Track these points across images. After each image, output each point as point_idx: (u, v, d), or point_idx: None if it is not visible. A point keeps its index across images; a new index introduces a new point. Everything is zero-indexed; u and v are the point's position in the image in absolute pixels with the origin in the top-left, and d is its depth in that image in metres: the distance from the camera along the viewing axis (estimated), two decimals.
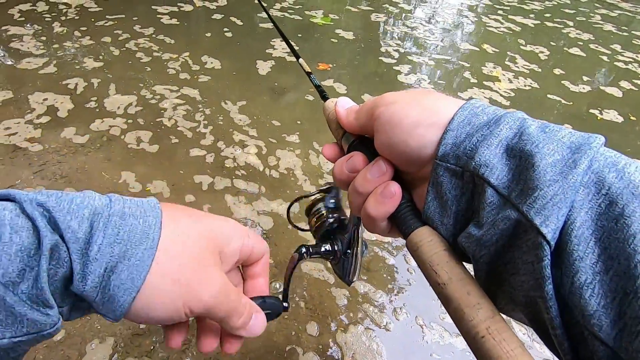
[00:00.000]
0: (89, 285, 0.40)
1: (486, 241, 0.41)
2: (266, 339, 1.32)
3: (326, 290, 1.47)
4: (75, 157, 1.89)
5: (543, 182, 0.37)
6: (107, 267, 0.41)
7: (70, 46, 2.78)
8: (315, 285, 1.48)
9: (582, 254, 0.35)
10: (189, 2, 3.70)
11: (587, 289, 0.34)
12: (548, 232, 0.35)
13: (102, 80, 2.48)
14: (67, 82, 2.41)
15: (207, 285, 0.47)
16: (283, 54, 3.02)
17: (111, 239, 0.42)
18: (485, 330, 0.37)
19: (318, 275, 1.51)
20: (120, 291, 0.42)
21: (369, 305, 1.44)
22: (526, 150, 0.40)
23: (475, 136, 0.43)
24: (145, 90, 2.43)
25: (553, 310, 0.36)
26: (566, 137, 0.40)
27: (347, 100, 0.59)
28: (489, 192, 0.41)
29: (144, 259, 0.43)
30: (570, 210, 0.36)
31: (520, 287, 0.39)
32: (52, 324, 0.40)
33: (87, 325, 1.29)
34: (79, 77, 2.46)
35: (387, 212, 0.50)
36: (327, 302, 1.44)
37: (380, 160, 0.51)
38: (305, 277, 1.50)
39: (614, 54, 3.84)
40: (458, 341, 1.38)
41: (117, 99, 2.33)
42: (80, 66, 2.58)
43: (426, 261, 0.44)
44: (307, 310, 1.40)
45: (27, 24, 2.99)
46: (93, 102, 2.27)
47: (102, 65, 2.61)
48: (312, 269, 1.53)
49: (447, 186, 0.45)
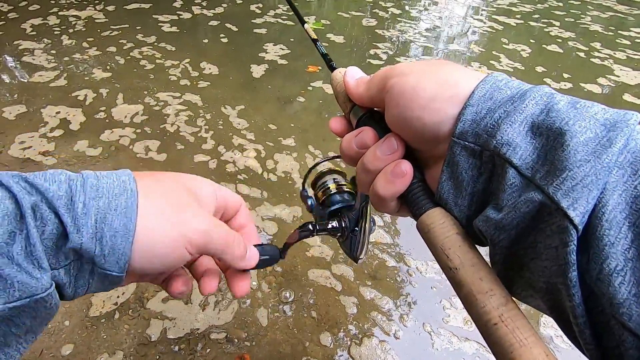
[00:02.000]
0: (85, 237, 0.37)
1: (506, 225, 0.35)
2: (273, 349, 1.26)
3: (334, 298, 1.40)
4: (85, 168, 1.81)
5: (573, 162, 0.32)
6: (96, 218, 0.38)
7: (79, 58, 2.70)
8: (322, 293, 1.41)
9: (614, 239, 0.30)
10: (188, 10, 3.60)
11: (618, 276, 0.29)
12: (576, 216, 0.30)
13: (110, 90, 2.39)
14: (77, 93, 2.33)
15: (197, 217, 0.44)
16: (275, 57, 2.94)
17: (92, 194, 0.39)
18: (498, 317, 0.33)
19: (325, 283, 1.45)
20: (118, 239, 0.39)
21: (377, 313, 1.37)
22: (555, 128, 0.34)
23: (497, 112, 0.37)
24: (149, 98, 2.35)
25: (576, 298, 0.31)
26: (599, 113, 0.34)
27: (357, 70, 0.52)
28: (511, 172, 0.35)
29: (129, 206, 0.40)
30: (602, 192, 0.31)
31: (541, 273, 0.34)
32: (43, 287, 0.36)
33: (94, 335, 1.23)
34: (87, 89, 2.37)
35: (397, 192, 0.44)
36: (334, 311, 1.37)
37: (392, 136, 0.44)
38: (313, 285, 1.44)
39: (591, 51, 3.69)
40: (467, 346, 1.31)
41: (124, 108, 2.25)
42: (90, 77, 2.50)
43: (438, 244, 0.39)
44: (314, 320, 1.34)
45: (38, 37, 2.89)
46: (102, 113, 2.19)
47: (109, 76, 2.53)
48: (318, 277, 1.46)
49: (463, 166, 0.39)
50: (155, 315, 1.30)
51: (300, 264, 1.49)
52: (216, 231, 0.45)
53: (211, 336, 1.26)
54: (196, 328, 1.28)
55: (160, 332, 1.26)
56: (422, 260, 1.55)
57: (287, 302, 1.38)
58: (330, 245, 1.57)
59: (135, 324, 1.28)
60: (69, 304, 1.30)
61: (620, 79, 3.11)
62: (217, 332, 1.28)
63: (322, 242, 1.58)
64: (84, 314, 1.29)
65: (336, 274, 1.48)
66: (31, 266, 0.35)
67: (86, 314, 1.29)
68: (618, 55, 3.52)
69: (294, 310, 1.35)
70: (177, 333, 1.26)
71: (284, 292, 1.41)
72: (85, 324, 1.27)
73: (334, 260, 1.52)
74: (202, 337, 1.26)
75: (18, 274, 0.34)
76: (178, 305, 1.33)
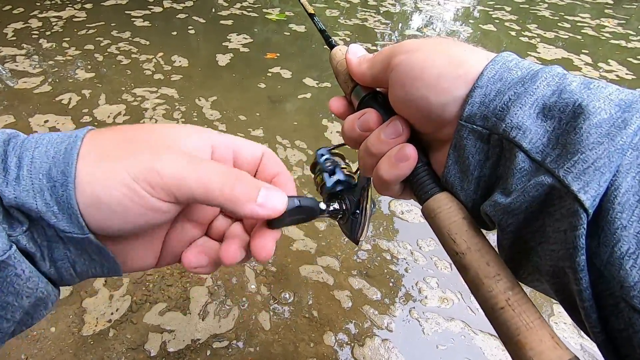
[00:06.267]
0: (18, 190, 0.27)
1: (515, 209, 0.29)
2: (279, 353, 1.03)
3: (328, 294, 1.17)
4: None
5: (585, 145, 0.26)
6: (29, 169, 0.27)
7: (61, 60, 2.27)
8: (317, 289, 1.19)
9: (626, 222, 0.24)
10: (159, 4, 3.14)
11: (629, 259, 0.24)
12: (587, 200, 0.25)
13: (92, 90, 2.02)
14: (61, 97, 1.94)
15: (158, 155, 0.29)
16: (238, 45, 2.57)
17: (30, 146, 0.28)
18: (505, 301, 0.28)
19: (317, 278, 1.22)
20: (58, 189, 0.27)
21: (368, 306, 1.15)
22: (567, 110, 0.28)
23: (507, 94, 0.30)
24: (127, 94, 1.99)
25: (584, 282, 0.25)
26: (614, 94, 0.28)
27: (359, 48, 0.42)
28: (520, 157, 0.29)
29: (69, 151, 0.28)
30: (614, 175, 0.25)
31: (548, 257, 0.28)
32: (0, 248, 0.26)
33: (88, 356, 0.99)
34: (71, 92, 1.99)
35: (401, 176, 0.37)
36: (331, 307, 1.16)
37: (397, 120, 0.37)
38: (307, 282, 1.22)
39: (523, 30, 3.26)
40: (452, 325, 1.12)
41: (107, 108, 1.89)
42: (74, 79, 2.11)
43: (444, 229, 0.33)
44: (315, 320, 1.12)
45: (18, 43, 2.42)
46: (87, 117, 1.83)
47: (93, 76, 2.13)
48: (310, 272, 1.23)
49: (470, 150, 0.32)
50: (153, 328, 1.05)
51: (291, 262, 1.25)
52: (194, 172, 0.29)
53: (214, 345, 1.03)
54: (197, 339, 1.04)
55: (160, 345, 1.02)
56: (394, 242, 1.34)
57: (287, 303, 1.14)
58: (313, 238, 1.34)
59: (132, 340, 1.03)
60: (58, 323, 1.05)
61: (540, 55, 2.82)
62: (220, 340, 1.04)
63: (305, 235, 1.34)
64: (77, 335, 1.03)
65: (323, 266, 1.25)
66: None
67: (79, 334, 1.03)
68: (547, 35, 3.19)
69: (294, 312, 1.12)
70: (178, 345, 1.02)
71: (282, 293, 1.17)
72: (78, 345, 1.01)
73: (318, 252, 1.29)
74: (204, 348, 1.02)
75: None
76: (176, 317, 1.09)
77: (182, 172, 0.29)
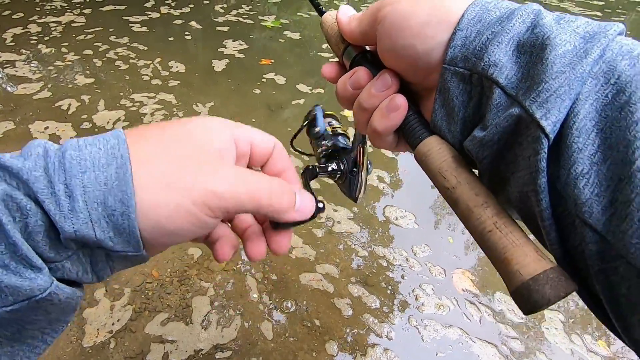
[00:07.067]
0: (77, 224, 0.25)
1: (488, 141, 0.29)
2: None
3: (329, 302, 1.14)
4: None
5: (549, 74, 0.26)
6: (85, 199, 0.25)
7: (61, 65, 2.20)
8: (317, 298, 1.15)
9: (582, 146, 0.25)
10: (157, 10, 3.07)
11: (583, 179, 0.25)
12: (547, 125, 0.25)
13: (92, 95, 1.95)
14: (61, 103, 1.88)
15: (211, 175, 0.29)
16: (234, 51, 2.52)
17: (73, 170, 0.26)
18: (493, 225, 0.28)
19: (318, 286, 1.18)
20: (117, 219, 0.26)
21: (368, 315, 1.12)
22: (537, 44, 0.28)
23: (485, 34, 0.30)
24: (125, 100, 1.93)
25: (544, 202, 0.26)
26: (581, 26, 0.28)
27: (350, 8, 0.41)
28: (497, 92, 0.28)
29: (121, 177, 0.26)
30: (574, 102, 0.25)
31: (516, 184, 0.29)
32: (40, 287, 0.25)
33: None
34: (71, 98, 1.92)
35: (394, 126, 0.36)
36: (332, 316, 1.12)
37: (385, 73, 0.36)
38: (307, 290, 1.18)
39: None
40: (450, 332, 1.10)
41: (106, 114, 1.83)
42: (73, 84, 2.04)
43: (435, 169, 0.33)
44: (317, 329, 1.08)
45: (17, 48, 2.35)
46: (87, 123, 1.77)
47: (92, 81, 2.07)
48: (310, 280, 1.19)
49: (454, 92, 0.32)
50: (155, 339, 1.01)
51: (291, 270, 1.21)
52: (244, 187, 0.30)
53: (216, 356, 0.99)
54: (200, 349, 1.00)
55: (162, 356, 0.97)
56: (390, 249, 1.32)
57: (289, 312, 1.11)
58: (311, 245, 1.30)
59: (132, 350, 0.99)
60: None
61: None
62: (223, 351, 1.00)
63: (304, 243, 1.30)
64: (77, 346, 0.99)
65: (323, 273, 1.22)
66: (20, 266, 0.24)
67: (80, 344, 0.99)
68: None
69: (295, 321, 1.08)
70: (180, 356, 0.98)
71: (284, 301, 1.13)
72: (76, 355, 0.97)
73: (317, 260, 1.26)
74: (206, 359, 0.99)
75: (4, 277, 0.24)
76: (178, 327, 1.04)
77: (236, 189, 0.29)
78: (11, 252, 0.24)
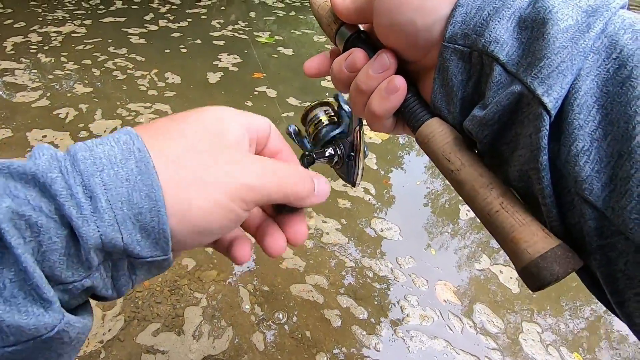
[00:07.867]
0: (103, 227, 0.22)
1: (489, 120, 0.27)
2: None
3: (319, 313, 1.12)
4: None
5: (551, 49, 0.24)
6: (107, 197, 0.22)
7: (60, 74, 2.15)
8: (307, 309, 1.13)
9: (583, 122, 0.23)
10: (155, 23, 3.04)
11: (583, 156, 0.23)
12: (549, 102, 0.24)
13: (90, 104, 1.91)
14: (59, 112, 1.84)
15: (242, 167, 0.27)
16: (228, 64, 2.50)
17: (89, 169, 0.22)
18: (499, 205, 0.28)
19: (308, 297, 1.16)
20: (146, 216, 0.23)
21: (357, 326, 1.10)
22: (538, 19, 0.26)
23: (486, 10, 0.28)
24: (121, 109, 1.90)
25: (545, 180, 0.25)
26: (584, 0, 0.26)
27: None
28: (497, 70, 0.27)
29: (144, 170, 0.23)
30: (576, 78, 0.24)
31: (516, 162, 0.27)
32: (48, 326, 0.21)
33: None
34: (69, 107, 1.88)
35: (393, 108, 0.34)
36: (321, 328, 1.10)
37: (383, 53, 0.33)
38: (297, 301, 1.15)
39: None
40: (435, 343, 1.08)
41: (102, 123, 1.79)
42: (71, 93, 1.99)
43: (438, 151, 0.32)
44: (307, 340, 1.05)
45: (17, 57, 2.29)
46: (84, 132, 1.73)
47: (90, 90, 2.02)
48: (300, 291, 1.17)
49: (453, 71, 0.29)
50: (146, 349, 0.97)
51: (281, 282, 1.19)
52: (273, 177, 0.28)
53: None
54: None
55: None
56: (376, 260, 1.30)
57: (280, 323, 1.08)
58: (301, 256, 1.28)
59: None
60: None
61: None
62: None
63: (294, 254, 1.28)
64: None
65: (312, 284, 1.20)
66: (27, 301, 0.20)
67: None
68: None
69: (286, 332, 1.06)
70: None
71: (275, 313, 1.10)
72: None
73: (307, 271, 1.24)
74: None
75: (7, 315, 0.20)
76: (170, 337, 1.01)
77: (266, 180, 0.28)
78: (21, 280, 0.21)
